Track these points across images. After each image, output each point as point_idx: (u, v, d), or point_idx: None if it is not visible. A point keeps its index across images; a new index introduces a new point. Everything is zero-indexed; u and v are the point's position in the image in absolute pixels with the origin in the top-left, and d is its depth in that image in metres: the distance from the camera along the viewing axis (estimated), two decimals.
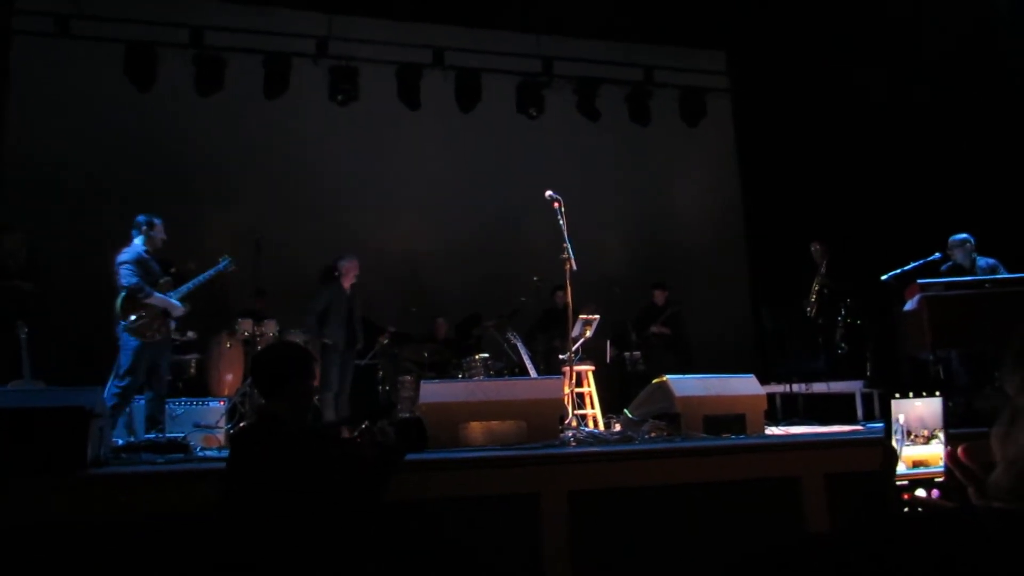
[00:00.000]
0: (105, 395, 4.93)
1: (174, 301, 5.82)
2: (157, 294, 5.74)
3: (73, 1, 9.00)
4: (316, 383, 3.31)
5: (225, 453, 4.01)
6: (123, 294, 5.64)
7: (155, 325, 5.70)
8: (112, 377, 5.61)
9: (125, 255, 5.73)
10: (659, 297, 9.23)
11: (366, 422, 3.05)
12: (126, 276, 5.64)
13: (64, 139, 8.88)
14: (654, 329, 8.98)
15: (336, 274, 7.67)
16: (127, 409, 5.74)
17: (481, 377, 7.60)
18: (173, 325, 5.92)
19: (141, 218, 5.95)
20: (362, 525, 2.84)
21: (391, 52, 10.01)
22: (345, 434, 3.72)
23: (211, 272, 6.22)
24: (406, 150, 10.09)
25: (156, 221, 5.96)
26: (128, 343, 5.62)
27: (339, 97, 9.67)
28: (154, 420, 5.79)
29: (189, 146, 9.35)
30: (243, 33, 9.55)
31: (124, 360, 5.61)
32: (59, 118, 8.88)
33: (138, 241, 5.88)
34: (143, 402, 5.85)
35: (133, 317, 5.60)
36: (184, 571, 3.28)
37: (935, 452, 1.42)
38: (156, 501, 3.58)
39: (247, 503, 2.68)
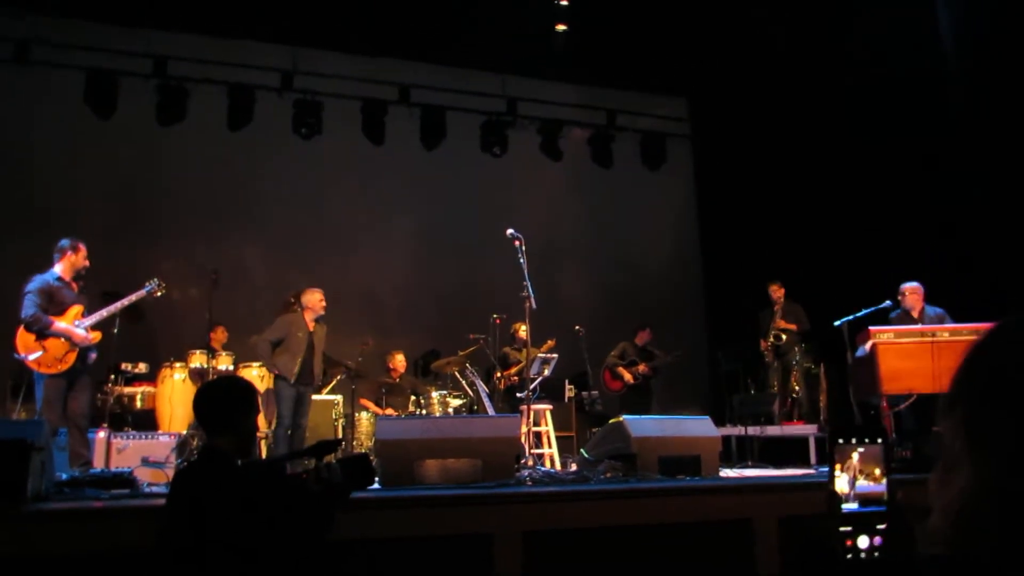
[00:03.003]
0: None
1: (78, 330, 5.59)
2: (59, 323, 5.53)
3: (33, 26, 8.90)
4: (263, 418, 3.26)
5: None
6: (20, 326, 5.49)
7: (60, 356, 5.51)
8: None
9: (31, 284, 5.56)
10: (642, 337, 9.27)
11: (309, 459, 3.00)
12: (24, 308, 5.48)
13: (18, 167, 8.71)
14: (642, 369, 9.02)
15: (297, 306, 7.51)
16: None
17: (438, 414, 7.57)
18: (93, 355, 5.73)
19: (64, 242, 5.79)
20: (306, 564, 2.80)
21: (356, 87, 10.05)
22: (290, 470, 3.65)
23: (134, 296, 6.05)
24: (370, 185, 10.10)
25: (80, 245, 5.80)
26: (38, 377, 5.47)
27: (303, 131, 9.65)
28: (77, 455, 5.54)
29: (148, 176, 9.23)
30: (207, 64, 9.51)
31: (37, 393, 5.48)
32: (15, 146, 8.72)
33: (57, 268, 5.72)
34: (63, 436, 5.58)
35: (29, 355, 5.41)
36: None
37: (878, 491, 1.46)
38: (100, 537, 3.47)
39: (189, 541, 2.62)
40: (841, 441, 1.48)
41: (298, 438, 6.96)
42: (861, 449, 1.51)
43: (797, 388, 8.52)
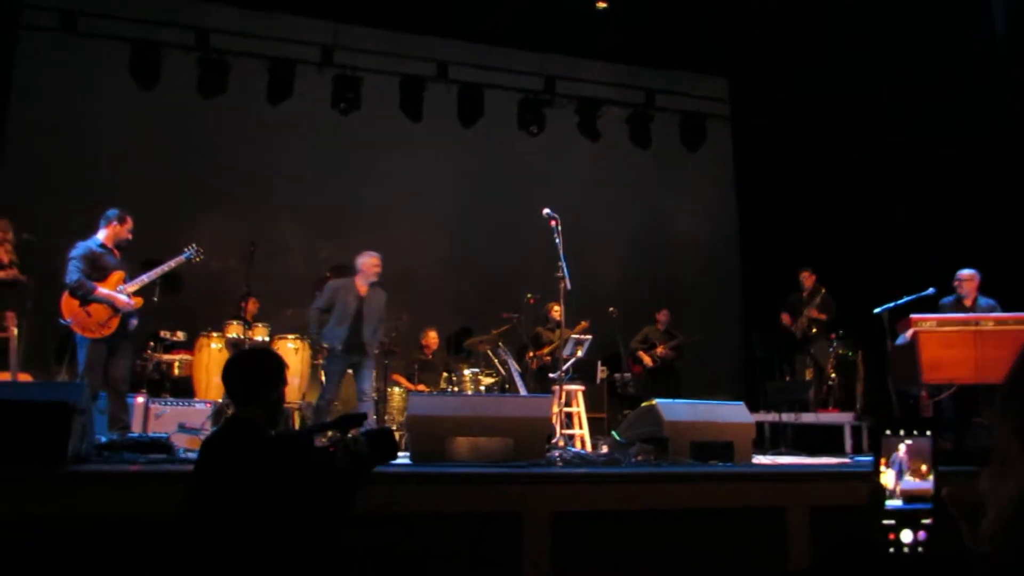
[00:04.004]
0: None
1: (122, 296, 5.69)
2: (102, 289, 5.63)
3: None
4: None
5: None
6: (65, 291, 5.60)
7: (103, 321, 5.61)
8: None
9: (75, 250, 5.68)
10: (661, 319, 9.23)
11: (336, 431, 3.00)
12: (68, 273, 5.59)
13: (64, 135, 8.85)
14: (660, 351, 8.97)
15: (350, 271, 7.35)
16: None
17: (469, 392, 7.58)
18: (134, 321, 5.82)
19: (112, 212, 5.88)
20: (332, 536, 2.81)
21: (395, 63, 10.01)
22: (319, 442, 3.67)
23: (172, 262, 6.13)
24: (406, 161, 10.08)
25: (128, 217, 5.89)
26: (80, 341, 5.58)
27: (342, 106, 9.66)
28: (116, 419, 5.67)
29: (189, 147, 9.32)
30: (249, 38, 9.55)
31: (80, 357, 5.58)
32: (60, 114, 8.85)
33: (100, 234, 5.82)
34: (103, 400, 5.72)
35: (75, 318, 5.52)
36: (158, 573, 3.23)
37: (924, 486, 1.40)
38: (137, 500, 3.53)
39: (216, 510, 2.64)
40: (888, 432, 1.42)
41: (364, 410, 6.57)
42: (908, 441, 1.45)
43: (833, 375, 8.38)
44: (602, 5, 9.42)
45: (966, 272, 6.71)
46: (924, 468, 1.45)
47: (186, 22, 9.34)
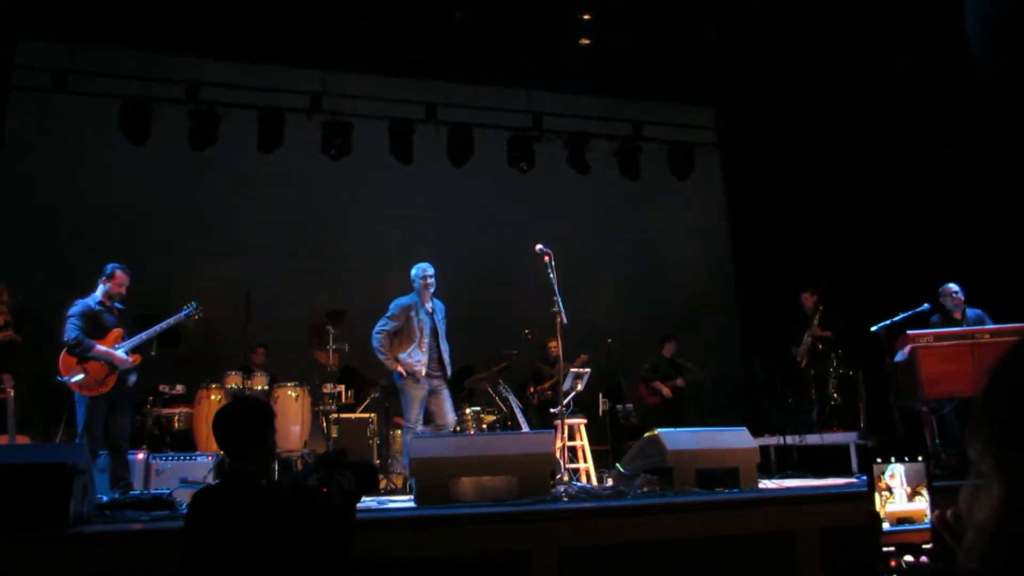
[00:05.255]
0: None
1: (119, 353, 5.71)
2: (100, 347, 5.66)
3: (71, 56, 9.12)
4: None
5: None
6: (63, 349, 5.61)
7: (101, 378, 5.62)
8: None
9: (73, 308, 5.71)
10: (668, 349, 9.25)
11: (323, 473, 2.99)
12: (67, 331, 5.62)
13: (56, 193, 8.91)
14: (680, 383, 9.00)
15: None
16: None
17: (472, 431, 7.54)
18: (133, 378, 5.82)
19: (108, 267, 5.93)
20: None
21: (384, 107, 10.13)
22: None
23: (173, 319, 6.15)
24: (398, 203, 10.14)
25: (119, 271, 5.91)
26: (79, 399, 5.58)
27: (332, 151, 9.75)
28: (117, 477, 5.66)
29: (181, 199, 9.39)
30: (238, 89, 9.67)
31: (79, 416, 5.57)
32: (52, 171, 8.92)
33: (98, 291, 5.85)
34: (103, 459, 5.70)
35: (72, 377, 5.53)
36: None
37: (919, 508, 1.41)
38: (140, 559, 3.50)
39: (222, 566, 2.62)
40: (879, 460, 1.43)
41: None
42: (901, 466, 1.47)
43: (835, 395, 8.37)
44: (585, 41, 9.57)
45: (950, 287, 6.76)
46: (916, 486, 1.46)
47: (176, 76, 9.45)
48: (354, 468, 2.91)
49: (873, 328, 6.68)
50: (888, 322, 6.61)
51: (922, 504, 1.42)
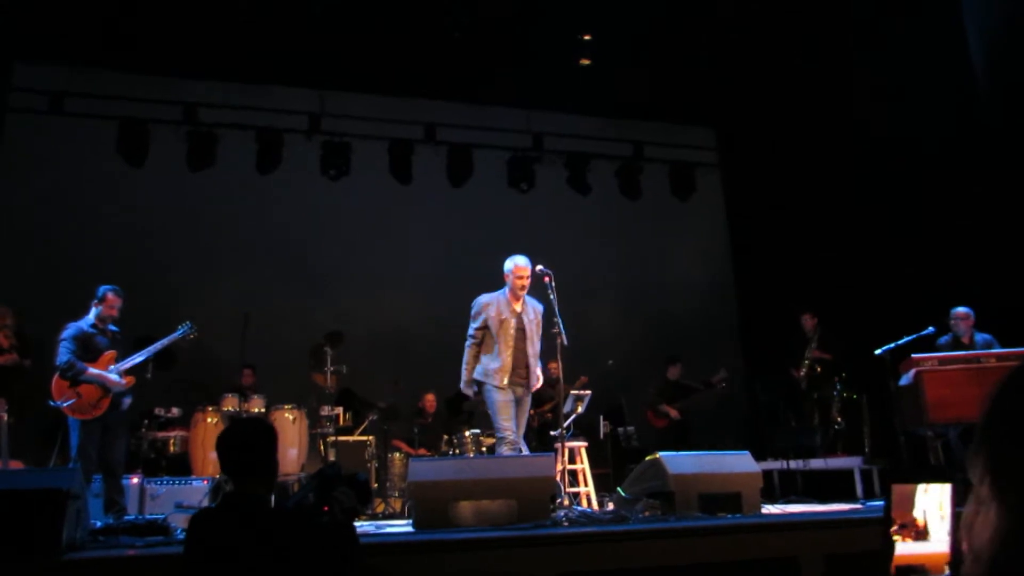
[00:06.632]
0: None
1: (112, 376, 5.70)
2: (92, 369, 5.64)
3: (68, 79, 9.19)
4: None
5: None
6: (55, 373, 5.61)
7: (94, 402, 5.60)
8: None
9: (66, 331, 5.70)
10: (673, 372, 9.23)
11: (322, 491, 2.97)
12: (59, 354, 5.62)
13: (53, 214, 8.94)
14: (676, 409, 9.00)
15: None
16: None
17: (472, 454, 7.51)
18: (127, 400, 5.81)
19: (101, 289, 5.91)
20: None
21: (383, 128, 10.19)
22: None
23: (167, 340, 6.13)
24: (397, 224, 10.18)
25: (111, 293, 5.88)
26: (72, 423, 5.56)
27: (331, 172, 9.80)
28: (112, 502, 5.63)
29: (179, 221, 9.42)
30: (236, 110, 9.73)
31: (72, 440, 5.55)
32: (49, 193, 8.96)
33: (91, 313, 5.84)
34: (97, 483, 5.68)
35: (65, 401, 5.52)
36: None
37: (933, 551, 1.39)
38: None
39: None
40: (899, 481, 1.42)
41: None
42: (923, 488, 1.45)
43: (839, 419, 8.35)
44: (585, 62, 9.64)
45: (961, 310, 6.74)
46: (941, 515, 1.44)
47: (174, 98, 9.52)
48: (349, 483, 2.91)
49: (877, 351, 6.67)
50: (892, 345, 6.60)
51: (935, 545, 1.40)
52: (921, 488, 1.46)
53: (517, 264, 5.88)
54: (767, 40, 8.97)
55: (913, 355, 6.12)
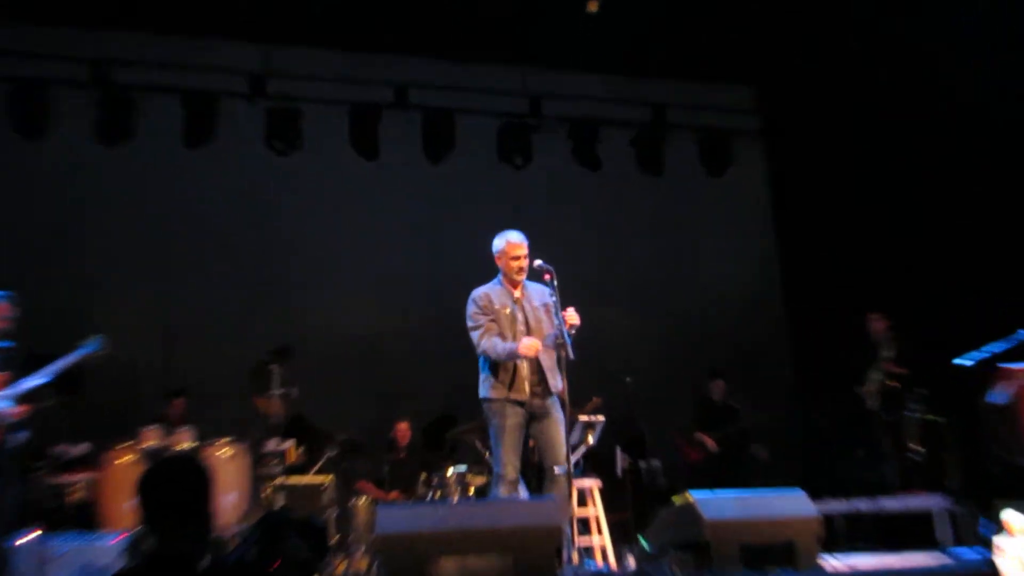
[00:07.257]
0: None
1: (2, 404, 5.69)
2: None
3: None
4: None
5: None
6: None
7: None
8: None
9: None
10: (716, 391, 9.21)
11: (256, 548, 2.92)
12: None
13: None
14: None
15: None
16: None
17: (455, 497, 7.47)
18: (21, 435, 5.76)
19: None
20: None
21: (342, 90, 10.17)
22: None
23: (72, 357, 6.11)
24: (360, 210, 10.15)
25: (2, 300, 5.90)
26: None
27: (278, 145, 9.73)
28: None
29: (87, 208, 9.38)
30: (159, 68, 9.67)
31: None
32: None
33: None
34: None
35: None
36: None
37: None
38: None
39: None
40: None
41: (559, 486, 5.65)
42: None
43: (919, 447, 8.27)
44: (593, 7, 9.56)
45: None
46: None
47: (79, 54, 9.41)
48: (301, 531, 2.85)
49: (958, 360, 6.62)
50: (977, 353, 6.55)
51: None
52: None
53: (510, 241, 5.86)
54: None
55: (1008, 365, 6.07)
